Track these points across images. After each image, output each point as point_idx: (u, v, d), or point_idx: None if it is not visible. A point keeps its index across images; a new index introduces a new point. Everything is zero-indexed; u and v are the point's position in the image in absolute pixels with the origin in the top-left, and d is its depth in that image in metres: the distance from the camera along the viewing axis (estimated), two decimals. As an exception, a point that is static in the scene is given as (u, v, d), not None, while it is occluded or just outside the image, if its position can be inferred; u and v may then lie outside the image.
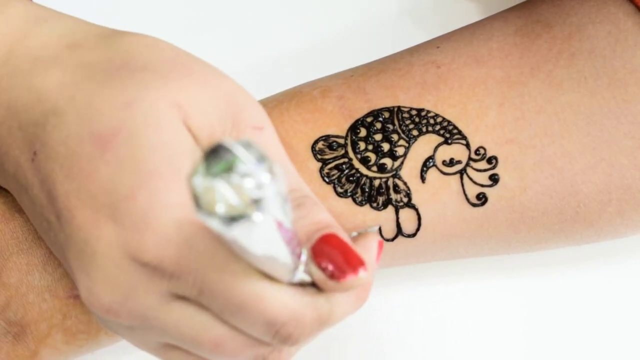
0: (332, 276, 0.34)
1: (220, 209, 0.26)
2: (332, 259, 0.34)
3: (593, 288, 0.51)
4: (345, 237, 0.35)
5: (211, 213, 0.26)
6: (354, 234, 0.41)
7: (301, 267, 0.34)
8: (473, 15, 0.49)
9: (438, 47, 0.45)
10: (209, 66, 0.37)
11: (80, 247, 0.35)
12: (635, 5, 0.43)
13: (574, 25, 0.44)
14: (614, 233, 0.45)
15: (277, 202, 0.27)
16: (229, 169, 0.26)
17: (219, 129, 0.36)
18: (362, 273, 0.34)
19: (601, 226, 0.44)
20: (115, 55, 0.36)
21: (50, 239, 0.38)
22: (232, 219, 0.26)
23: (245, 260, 0.32)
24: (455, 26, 0.47)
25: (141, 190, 0.34)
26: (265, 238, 0.29)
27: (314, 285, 0.35)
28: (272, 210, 0.27)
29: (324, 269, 0.34)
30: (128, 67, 0.36)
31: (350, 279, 0.34)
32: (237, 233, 0.27)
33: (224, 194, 0.26)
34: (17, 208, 0.44)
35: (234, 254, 0.33)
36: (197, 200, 0.26)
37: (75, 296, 0.43)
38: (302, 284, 0.35)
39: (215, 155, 0.27)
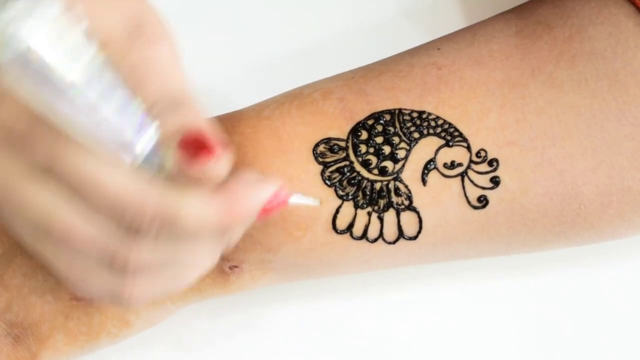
0: (182, 160, 0.33)
1: None
2: (190, 146, 0.34)
3: (594, 287, 0.51)
4: (214, 138, 0.34)
5: None
6: (294, 197, 0.41)
7: (140, 143, 0.33)
8: (473, 16, 0.49)
9: (439, 49, 0.45)
10: None
11: None
12: (636, 6, 0.43)
13: (575, 27, 0.44)
14: (614, 234, 0.45)
15: (56, 47, 0.29)
16: None
17: (115, 40, 0.36)
18: (214, 160, 0.33)
19: (602, 228, 0.44)
20: None
21: None
22: None
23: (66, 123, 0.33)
24: (455, 27, 0.47)
25: None
26: (42, 82, 0.30)
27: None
28: (38, 54, 0.29)
29: (178, 153, 0.34)
30: None
31: (198, 164, 0.33)
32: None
33: None
34: None
35: None
36: None
37: (78, 298, 0.43)
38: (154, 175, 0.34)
39: None
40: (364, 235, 0.43)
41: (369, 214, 0.43)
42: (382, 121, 0.43)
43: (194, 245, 0.36)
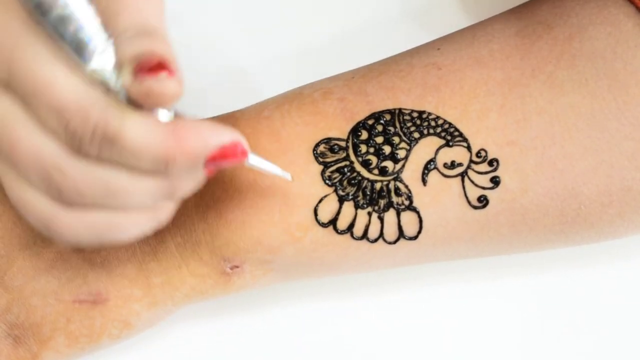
0: (137, 67, 0.34)
1: None
2: (145, 66, 0.34)
3: (594, 286, 0.51)
4: (175, 69, 0.34)
5: None
6: (254, 157, 0.40)
7: (98, 50, 0.34)
8: (474, 16, 0.49)
9: (439, 49, 0.45)
10: None
11: None
12: (636, 6, 0.43)
13: (575, 27, 0.44)
14: (614, 234, 0.46)
15: None
16: None
17: None
18: (164, 77, 0.33)
19: (602, 227, 0.44)
20: None
21: None
22: None
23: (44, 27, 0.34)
24: (456, 27, 0.47)
25: None
26: None
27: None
28: None
29: (133, 71, 0.34)
30: None
31: (149, 77, 0.34)
32: None
33: None
34: None
35: (42, 40, 0.35)
36: None
37: (80, 301, 0.43)
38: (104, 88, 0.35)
39: None
40: (364, 236, 0.43)
41: (370, 214, 0.43)
42: (382, 121, 0.43)
43: (133, 179, 0.36)
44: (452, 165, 0.43)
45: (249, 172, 0.43)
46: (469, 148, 0.43)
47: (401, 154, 0.43)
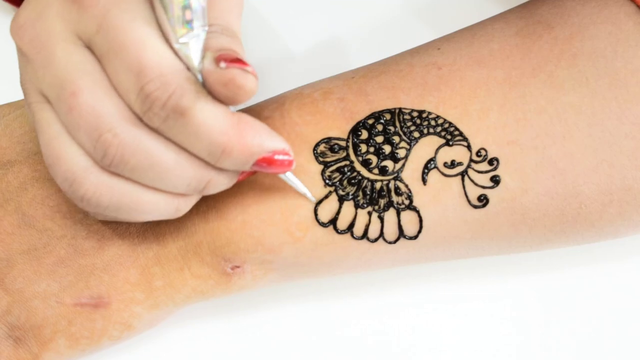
0: (220, 57, 0.36)
1: None
2: (228, 58, 0.36)
3: (595, 286, 0.51)
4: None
5: None
6: (291, 175, 0.42)
7: (195, 28, 0.36)
8: (474, 16, 0.49)
9: (439, 49, 0.45)
10: None
11: None
12: (637, 5, 0.43)
13: (575, 26, 0.44)
14: (615, 233, 0.46)
15: None
16: None
17: None
18: (250, 70, 0.36)
19: (602, 227, 0.44)
20: None
21: None
22: None
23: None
24: (456, 27, 0.47)
25: None
26: None
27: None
28: None
29: (217, 59, 0.36)
30: None
31: (236, 66, 0.36)
32: None
33: None
34: (29, 216, 0.44)
35: (142, 4, 0.36)
36: None
37: (82, 304, 0.43)
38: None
39: None
40: (364, 235, 0.43)
41: (370, 213, 0.43)
42: (382, 120, 0.43)
43: (180, 160, 0.37)
44: (452, 164, 0.43)
45: (249, 172, 0.43)
46: (469, 147, 0.43)
47: (401, 153, 0.43)
